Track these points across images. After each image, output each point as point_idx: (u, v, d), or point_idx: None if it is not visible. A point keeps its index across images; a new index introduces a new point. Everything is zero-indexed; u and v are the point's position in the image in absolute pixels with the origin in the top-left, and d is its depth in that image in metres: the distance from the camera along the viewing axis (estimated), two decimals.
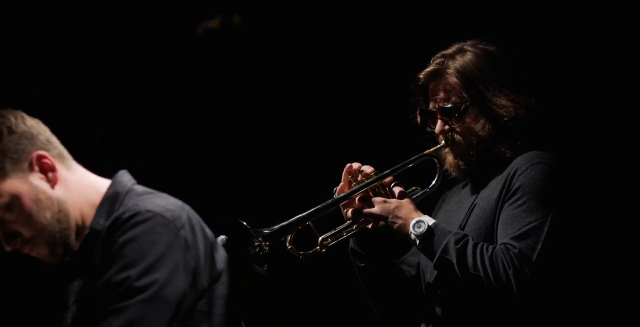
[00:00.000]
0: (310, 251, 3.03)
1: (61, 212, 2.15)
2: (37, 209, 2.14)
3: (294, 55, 4.22)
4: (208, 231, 2.17)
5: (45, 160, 2.16)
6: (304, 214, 2.96)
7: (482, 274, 2.77)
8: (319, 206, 2.98)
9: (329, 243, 3.03)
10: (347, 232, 3.04)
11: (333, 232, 3.04)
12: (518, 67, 3.04)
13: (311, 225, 3.01)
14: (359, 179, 3.03)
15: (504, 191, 2.89)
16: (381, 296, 3.11)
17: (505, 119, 2.96)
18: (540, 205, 2.82)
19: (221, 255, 2.18)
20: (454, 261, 2.79)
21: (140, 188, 2.21)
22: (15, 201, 2.13)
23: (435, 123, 3.05)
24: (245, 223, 2.85)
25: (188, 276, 2.06)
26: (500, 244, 2.80)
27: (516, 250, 2.76)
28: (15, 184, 2.14)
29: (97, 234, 2.13)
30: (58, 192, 2.16)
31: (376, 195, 3.00)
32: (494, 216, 2.89)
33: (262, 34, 3.94)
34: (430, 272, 3.00)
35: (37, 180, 2.15)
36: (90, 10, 4.04)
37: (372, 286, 3.10)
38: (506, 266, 2.75)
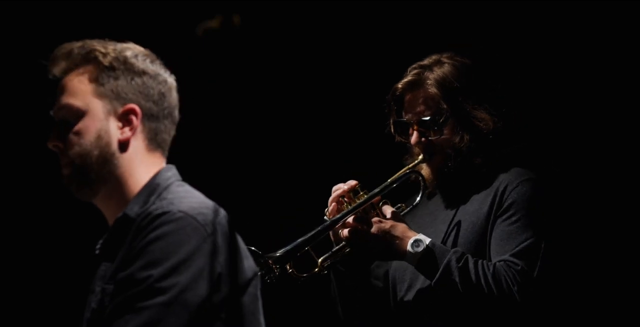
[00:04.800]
0: (309, 273, 3.04)
1: (102, 156, 2.14)
2: (88, 136, 2.15)
3: (294, 56, 4.22)
4: (239, 239, 2.11)
5: (133, 116, 2.16)
6: (306, 237, 2.97)
7: (486, 291, 2.79)
8: (319, 228, 2.99)
9: (327, 264, 3.05)
10: (344, 252, 3.05)
11: (330, 253, 3.06)
12: (495, 80, 3.05)
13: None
14: (346, 198, 3.04)
15: (494, 207, 2.91)
16: (354, 307, 3.13)
17: (484, 132, 2.97)
18: (535, 221, 2.86)
19: (250, 265, 2.13)
20: (457, 279, 2.80)
21: (181, 186, 2.16)
22: (82, 115, 2.15)
23: (409, 134, 3.05)
24: (253, 248, 2.81)
25: (212, 282, 1.99)
26: (499, 261, 2.83)
27: (518, 267, 2.79)
28: (97, 109, 2.15)
29: (129, 220, 2.09)
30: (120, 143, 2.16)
31: (366, 214, 3.01)
32: (486, 232, 2.92)
33: (262, 34, 3.95)
34: (407, 284, 3.02)
35: (113, 123, 2.16)
36: (90, 10, 4.04)
37: (348, 299, 3.11)
38: (510, 283, 2.78)
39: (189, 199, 2.11)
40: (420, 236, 2.90)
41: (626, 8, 3.71)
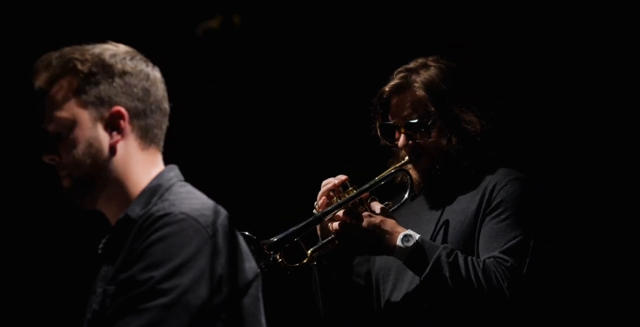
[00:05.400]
0: (299, 264, 3.04)
1: (97, 161, 2.14)
2: (80, 146, 2.14)
3: (292, 56, 4.22)
4: (241, 240, 2.11)
5: (120, 119, 2.15)
6: (297, 227, 2.98)
7: (476, 286, 2.81)
8: (310, 219, 3.00)
9: (316, 255, 3.05)
10: (332, 245, 3.05)
11: (319, 245, 3.06)
12: (482, 82, 3.07)
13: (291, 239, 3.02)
14: (335, 193, 3.04)
15: (483, 205, 2.93)
16: (339, 301, 3.14)
17: (472, 134, 2.98)
18: (524, 219, 2.89)
19: (252, 266, 2.13)
20: (447, 274, 2.81)
21: (183, 187, 2.16)
22: (71, 126, 2.14)
23: (396, 137, 3.06)
24: (247, 233, 2.82)
25: (213, 284, 2.00)
26: (489, 258, 2.84)
27: (508, 264, 2.82)
28: (84, 118, 2.14)
29: (131, 221, 2.09)
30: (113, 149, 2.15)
31: (355, 209, 3.02)
32: (474, 230, 2.94)
33: (262, 34, 3.95)
34: (392, 283, 3.03)
35: (101, 129, 2.15)
36: (90, 10, 4.04)
37: (332, 293, 3.12)
38: (499, 279, 2.80)
39: (190, 200, 2.10)
40: (410, 232, 2.91)
41: (611, 7, 3.72)
